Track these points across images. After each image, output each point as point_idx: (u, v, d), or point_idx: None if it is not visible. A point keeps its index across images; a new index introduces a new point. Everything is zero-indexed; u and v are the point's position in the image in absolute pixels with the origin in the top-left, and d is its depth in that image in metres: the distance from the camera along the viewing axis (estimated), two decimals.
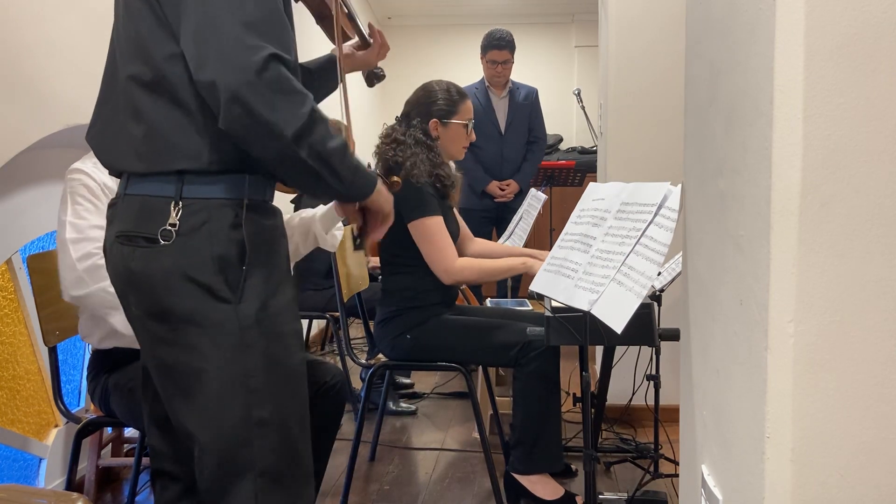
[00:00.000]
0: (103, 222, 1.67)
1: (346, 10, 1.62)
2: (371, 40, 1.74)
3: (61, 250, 1.69)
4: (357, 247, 1.53)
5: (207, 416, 1.25)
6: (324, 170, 1.22)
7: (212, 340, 1.23)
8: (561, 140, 6.32)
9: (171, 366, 1.27)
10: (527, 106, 4.09)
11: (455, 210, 2.48)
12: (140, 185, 1.27)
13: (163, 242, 1.22)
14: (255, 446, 1.25)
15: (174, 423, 1.31)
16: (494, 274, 2.28)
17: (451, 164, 2.44)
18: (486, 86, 4.08)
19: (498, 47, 3.95)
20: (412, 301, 2.31)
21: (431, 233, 2.22)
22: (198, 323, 1.23)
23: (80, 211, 1.72)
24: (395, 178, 2.16)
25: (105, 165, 1.33)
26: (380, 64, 1.80)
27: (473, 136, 2.42)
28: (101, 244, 1.69)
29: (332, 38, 1.62)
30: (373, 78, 1.80)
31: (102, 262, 1.67)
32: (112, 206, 1.33)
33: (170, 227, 1.22)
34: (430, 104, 2.33)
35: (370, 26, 1.74)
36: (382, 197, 1.40)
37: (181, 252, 1.22)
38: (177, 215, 1.22)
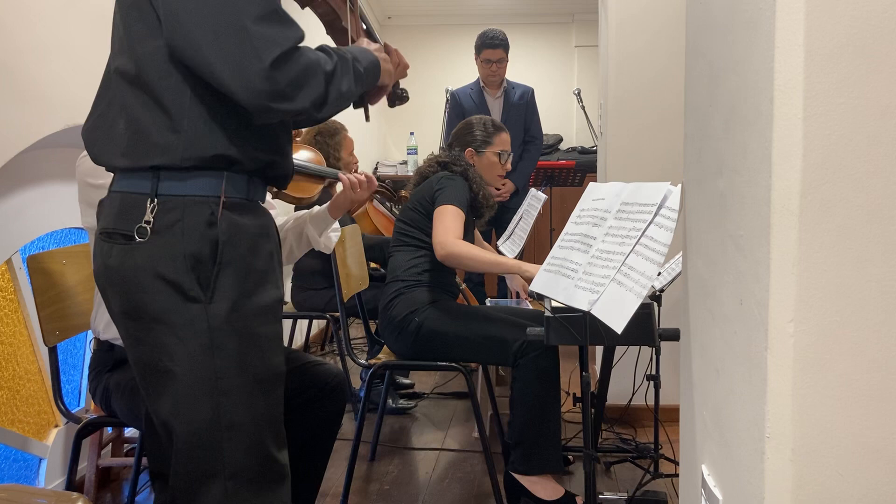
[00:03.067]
0: None
1: (361, 21, 1.59)
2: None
3: (91, 232, 1.71)
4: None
5: (177, 417, 1.23)
6: (345, 102, 1.32)
7: (181, 340, 1.21)
8: (561, 140, 6.32)
9: (144, 364, 1.25)
10: (522, 105, 4.09)
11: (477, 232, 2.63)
12: (122, 182, 1.27)
13: (138, 240, 1.21)
14: (225, 449, 1.24)
15: (155, 423, 1.30)
16: (485, 263, 2.27)
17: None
18: (481, 86, 4.08)
19: (491, 46, 3.95)
20: (417, 277, 2.37)
21: (449, 215, 2.30)
22: (167, 322, 1.21)
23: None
24: (403, 193, 2.20)
25: (93, 160, 1.33)
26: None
27: (509, 166, 2.68)
28: None
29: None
30: (395, 98, 1.73)
31: None
32: (100, 203, 1.33)
33: (145, 225, 1.21)
34: (466, 134, 2.62)
35: (386, 46, 1.69)
36: (385, 64, 1.47)
37: (154, 250, 1.21)
38: (152, 212, 1.21)
